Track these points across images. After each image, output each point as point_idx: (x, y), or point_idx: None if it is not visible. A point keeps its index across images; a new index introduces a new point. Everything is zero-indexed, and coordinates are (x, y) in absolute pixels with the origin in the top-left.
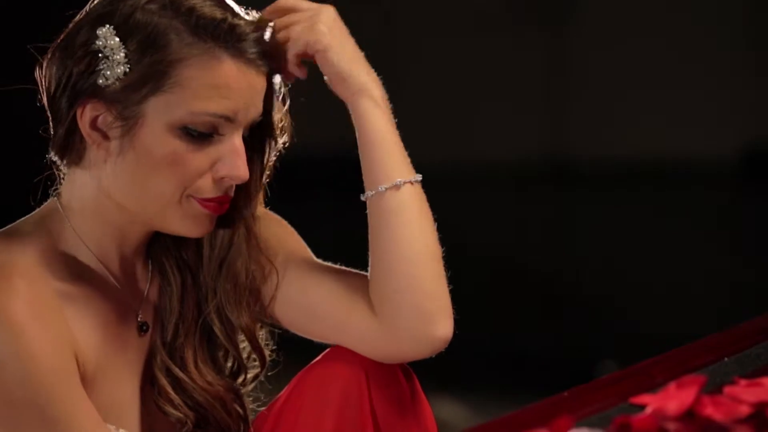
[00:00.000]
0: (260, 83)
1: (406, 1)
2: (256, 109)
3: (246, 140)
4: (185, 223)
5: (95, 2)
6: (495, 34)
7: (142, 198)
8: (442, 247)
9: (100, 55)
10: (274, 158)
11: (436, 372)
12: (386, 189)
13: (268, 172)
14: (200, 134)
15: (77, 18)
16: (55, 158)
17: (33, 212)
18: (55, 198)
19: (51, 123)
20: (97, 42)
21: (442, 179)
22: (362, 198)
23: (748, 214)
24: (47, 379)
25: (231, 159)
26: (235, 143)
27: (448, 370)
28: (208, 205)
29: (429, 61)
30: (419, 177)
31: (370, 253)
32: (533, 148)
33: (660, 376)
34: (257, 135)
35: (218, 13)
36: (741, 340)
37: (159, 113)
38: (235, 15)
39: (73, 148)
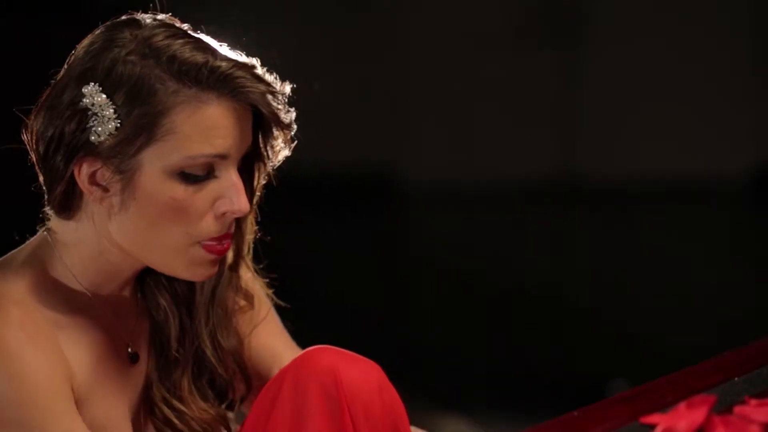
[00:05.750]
0: (247, 116)
1: (412, 19)
2: (246, 142)
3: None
4: (191, 269)
5: (75, 58)
6: (503, 51)
7: (148, 246)
8: (453, 267)
9: (89, 113)
10: (265, 180)
11: (446, 391)
12: None
13: (258, 194)
14: (198, 176)
15: (60, 76)
16: (52, 214)
17: (24, 244)
18: (46, 233)
19: (44, 181)
20: (84, 100)
21: (451, 198)
22: None
23: (762, 232)
24: (42, 401)
25: (231, 194)
26: (232, 178)
27: (458, 390)
28: (212, 249)
29: (435, 80)
30: None
31: None
32: (542, 167)
33: (670, 396)
34: (245, 160)
35: (199, 57)
36: (751, 360)
37: (155, 162)
38: (216, 55)
39: (72, 203)
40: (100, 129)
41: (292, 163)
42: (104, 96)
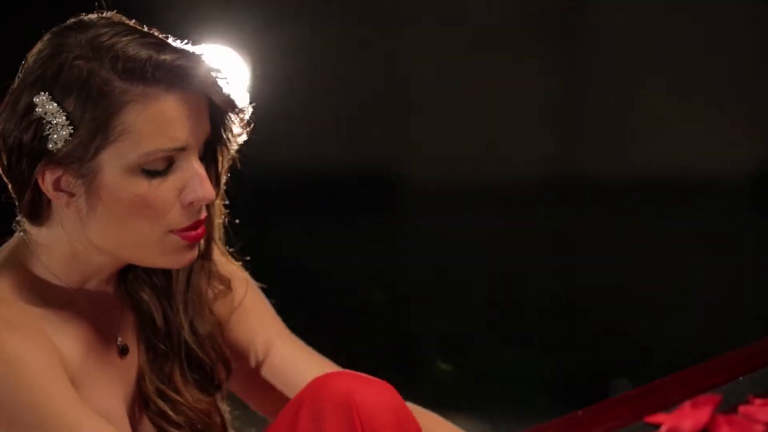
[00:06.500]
0: (201, 105)
1: (415, 19)
2: (204, 130)
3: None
4: (168, 257)
5: (26, 66)
6: (503, 51)
7: (122, 243)
8: (452, 267)
9: (43, 121)
10: (229, 162)
11: (451, 390)
12: None
13: (225, 178)
14: (159, 170)
15: (14, 85)
16: (24, 221)
17: (1, 247)
18: (22, 234)
19: (12, 189)
20: (36, 110)
21: (452, 198)
22: None
23: (762, 232)
24: (39, 380)
25: (195, 183)
26: (194, 167)
27: (464, 389)
28: (187, 236)
29: (435, 79)
30: None
31: None
32: (542, 167)
33: (674, 395)
34: (208, 146)
35: (143, 53)
36: (756, 359)
37: (114, 162)
38: (160, 49)
39: (42, 210)
40: (55, 137)
41: (292, 163)
42: (55, 104)
